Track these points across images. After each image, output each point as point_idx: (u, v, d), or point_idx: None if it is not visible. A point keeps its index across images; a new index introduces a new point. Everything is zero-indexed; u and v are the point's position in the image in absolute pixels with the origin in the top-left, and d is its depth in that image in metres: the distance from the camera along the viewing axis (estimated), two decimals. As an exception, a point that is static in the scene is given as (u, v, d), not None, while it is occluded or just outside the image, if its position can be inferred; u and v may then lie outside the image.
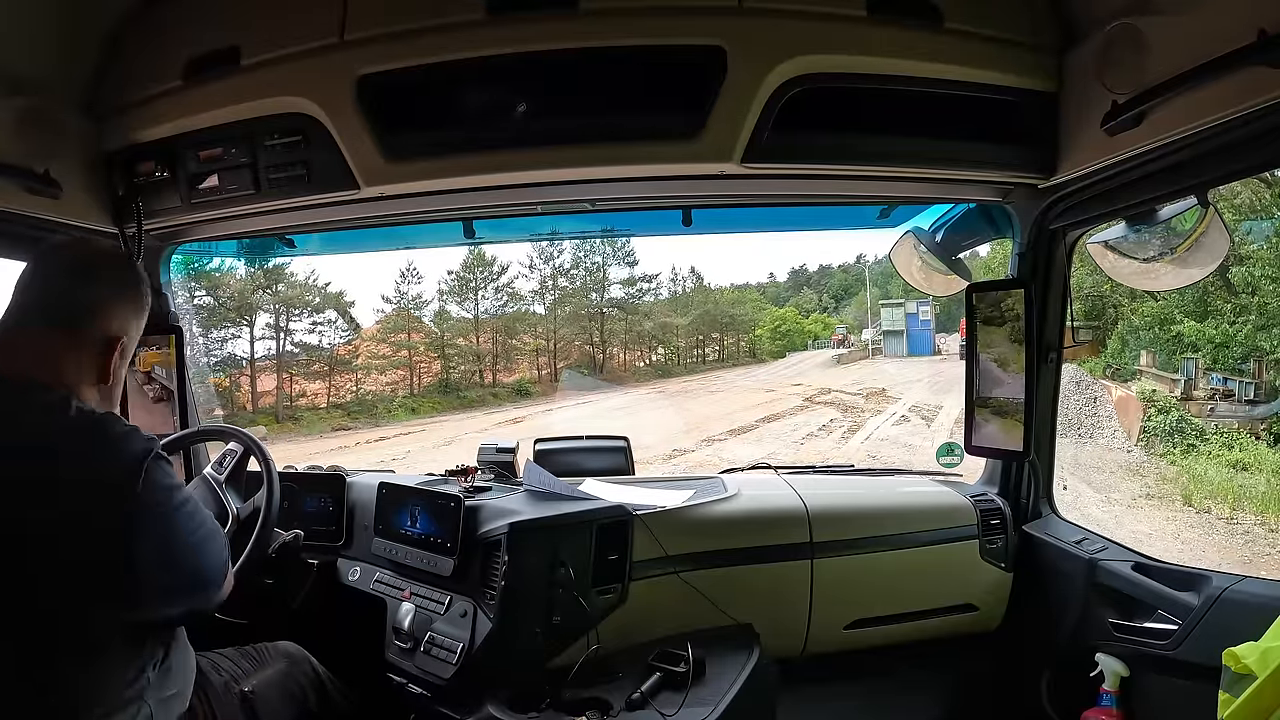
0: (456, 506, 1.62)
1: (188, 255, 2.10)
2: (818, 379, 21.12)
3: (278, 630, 1.58)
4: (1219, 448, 9.32)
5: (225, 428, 1.82)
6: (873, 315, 29.08)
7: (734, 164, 1.41)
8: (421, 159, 1.45)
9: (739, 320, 30.67)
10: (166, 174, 1.57)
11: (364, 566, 1.80)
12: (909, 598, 1.84)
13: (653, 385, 23.55)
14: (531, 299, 25.34)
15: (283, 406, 19.19)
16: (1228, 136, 1.18)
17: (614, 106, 1.40)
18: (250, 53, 1.44)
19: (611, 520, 1.64)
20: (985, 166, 1.54)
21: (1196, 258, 1.46)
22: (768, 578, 1.75)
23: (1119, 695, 1.59)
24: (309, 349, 20.49)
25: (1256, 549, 6.97)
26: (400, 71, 1.39)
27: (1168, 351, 11.79)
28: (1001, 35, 1.41)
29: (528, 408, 20.02)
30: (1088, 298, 12.84)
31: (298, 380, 20.30)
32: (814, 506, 1.82)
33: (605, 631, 1.58)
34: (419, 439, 15.15)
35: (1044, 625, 1.81)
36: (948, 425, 12.41)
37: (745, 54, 1.34)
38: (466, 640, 1.51)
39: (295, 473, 1.97)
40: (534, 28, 1.36)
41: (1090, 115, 1.34)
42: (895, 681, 1.94)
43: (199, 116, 1.51)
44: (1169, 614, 1.50)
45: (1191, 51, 1.12)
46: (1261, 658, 1.04)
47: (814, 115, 1.41)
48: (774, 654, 1.68)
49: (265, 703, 1.34)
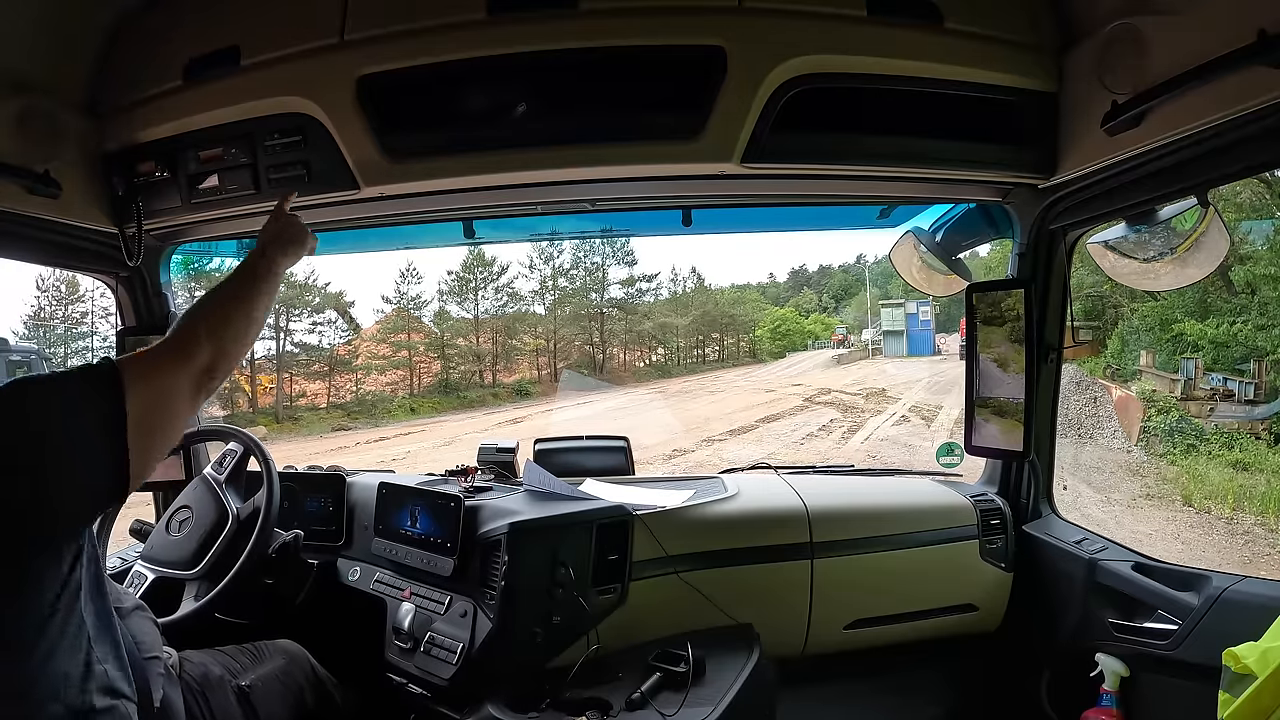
0: (456, 506, 1.63)
1: (188, 255, 2.10)
2: (818, 379, 21.11)
3: (277, 630, 1.58)
4: (1219, 448, 9.33)
5: (225, 428, 1.83)
6: (873, 315, 29.08)
7: (734, 164, 1.41)
8: (421, 159, 1.45)
9: (739, 320, 30.71)
10: (166, 174, 1.57)
11: (364, 566, 1.80)
12: (909, 598, 1.84)
13: (652, 385, 23.55)
14: (531, 299, 25.43)
15: (282, 407, 19.20)
16: (1228, 136, 1.18)
17: (614, 106, 1.40)
18: (250, 53, 1.44)
19: (611, 520, 1.64)
20: (985, 166, 1.54)
21: (1196, 258, 1.46)
22: (768, 578, 1.76)
23: (1119, 695, 1.59)
24: (309, 349, 20.51)
25: (1256, 549, 6.97)
26: (400, 71, 1.38)
27: (1168, 351, 11.80)
28: (1001, 35, 1.41)
29: (528, 408, 20.02)
30: (1088, 298, 12.85)
31: (298, 380, 20.31)
32: (814, 506, 1.82)
33: (605, 631, 1.58)
34: (419, 439, 15.14)
35: (1044, 625, 1.81)
36: (948, 425, 12.40)
37: (745, 54, 1.34)
38: (466, 640, 1.51)
39: (295, 473, 1.97)
40: (534, 28, 1.36)
41: (1090, 115, 1.34)
42: (895, 681, 1.94)
43: (199, 116, 1.51)
44: (1169, 614, 1.50)
45: (1191, 51, 1.12)
46: (1261, 658, 1.04)
47: (814, 115, 1.41)
48: (774, 654, 1.67)
49: (262, 699, 1.34)
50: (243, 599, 1.61)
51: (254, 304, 1.11)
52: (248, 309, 1.09)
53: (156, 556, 1.63)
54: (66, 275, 17.59)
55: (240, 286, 1.12)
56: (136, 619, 1.15)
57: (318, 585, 1.76)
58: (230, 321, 1.05)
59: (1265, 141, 1.15)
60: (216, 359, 1.00)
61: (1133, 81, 1.24)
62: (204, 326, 1.02)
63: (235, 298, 1.10)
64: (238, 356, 1.06)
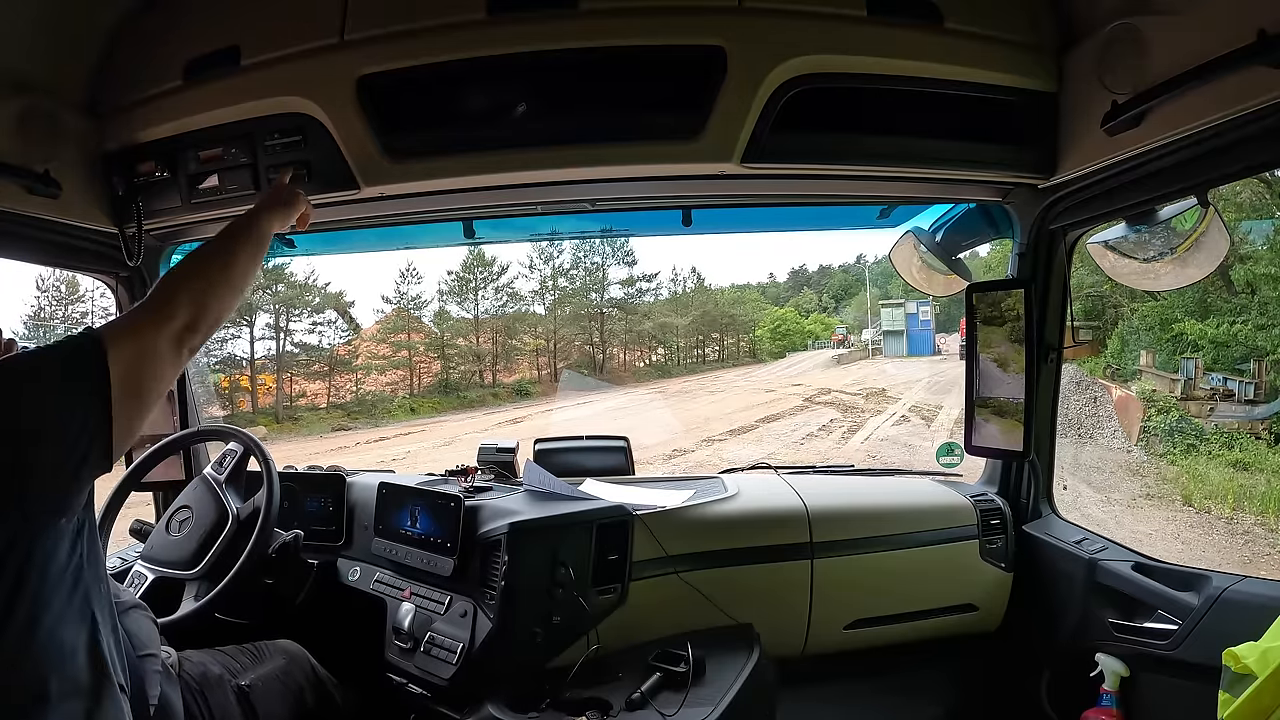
0: (456, 506, 1.63)
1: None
2: (817, 379, 21.11)
3: (277, 630, 1.58)
4: (1219, 448, 9.33)
5: (225, 428, 1.83)
6: (873, 315, 29.07)
7: (734, 164, 1.40)
8: (421, 159, 1.45)
9: (739, 320, 30.69)
10: (166, 174, 1.57)
11: (364, 566, 1.80)
12: (909, 598, 1.85)
13: (652, 385, 23.54)
14: (531, 299, 25.41)
15: (282, 406, 19.20)
16: (1228, 136, 1.18)
17: (614, 106, 1.40)
18: (250, 53, 1.44)
19: (611, 520, 1.64)
20: (985, 166, 1.54)
21: (1197, 258, 1.46)
22: (768, 578, 1.76)
23: (1119, 695, 1.59)
24: (309, 349, 20.51)
25: (1256, 549, 6.97)
26: (400, 71, 1.38)
27: (1168, 351, 11.80)
28: (1001, 35, 1.41)
29: (528, 408, 20.01)
30: (1088, 298, 12.85)
31: (297, 380, 20.31)
32: (814, 506, 1.82)
33: (605, 631, 1.58)
34: (419, 439, 15.14)
35: (1044, 625, 1.81)
36: (948, 425, 12.40)
37: (745, 54, 1.34)
38: (466, 640, 1.51)
39: (295, 473, 1.97)
40: (534, 28, 1.35)
41: (1090, 115, 1.34)
42: (895, 681, 1.94)
43: (199, 116, 1.51)
44: (1169, 614, 1.50)
45: (1191, 51, 1.12)
46: (1261, 658, 1.04)
47: (814, 115, 1.41)
48: (774, 654, 1.67)
49: (262, 698, 1.34)
50: (243, 599, 1.61)
51: (234, 261, 1.09)
52: (228, 267, 1.08)
53: (156, 556, 1.63)
54: (66, 275, 17.59)
55: (222, 244, 1.11)
56: (134, 617, 1.15)
57: (318, 585, 1.76)
58: (209, 279, 1.04)
59: (1265, 141, 1.15)
60: (197, 316, 0.99)
61: (1133, 81, 1.23)
62: (183, 284, 1.01)
63: (216, 254, 1.09)
64: (219, 314, 1.04)
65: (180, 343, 0.97)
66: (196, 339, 1.00)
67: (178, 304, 0.98)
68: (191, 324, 0.98)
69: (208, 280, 1.04)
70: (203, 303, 1.01)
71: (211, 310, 1.02)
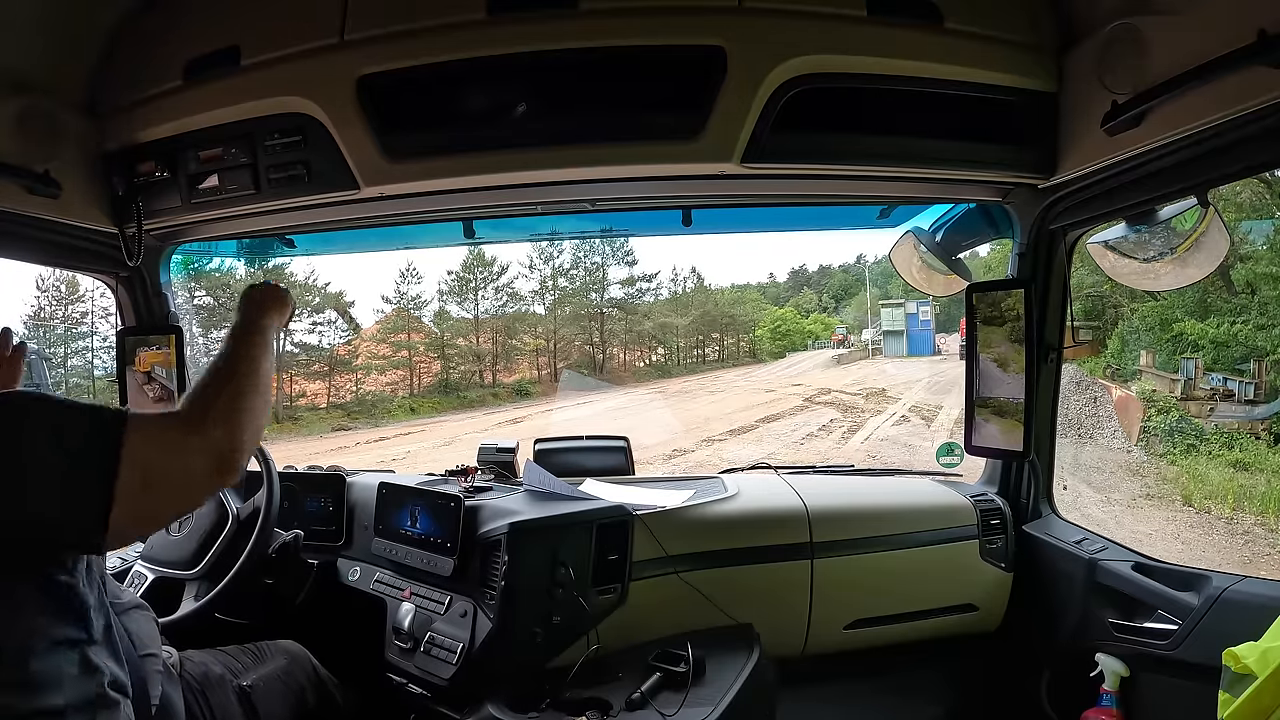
0: (456, 506, 1.63)
1: (188, 255, 2.10)
2: (817, 379, 21.11)
3: (278, 630, 1.58)
4: (1219, 448, 9.33)
5: (225, 428, 1.82)
6: (873, 315, 29.08)
7: (734, 164, 1.40)
8: (421, 159, 1.45)
9: (739, 320, 30.70)
10: (166, 174, 1.57)
11: (364, 566, 1.80)
12: (909, 598, 1.84)
13: (652, 385, 23.55)
14: (531, 299, 25.42)
15: (282, 406, 19.19)
16: (1228, 136, 1.18)
17: (614, 106, 1.40)
18: (250, 53, 1.44)
19: (611, 520, 1.64)
20: (985, 166, 1.54)
21: (1197, 258, 1.46)
22: (768, 578, 1.76)
23: (1119, 695, 1.59)
24: (309, 349, 20.51)
25: (1256, 549, 6.97)
26: (400, 71, 1.38)
27: (1168, 351, 11.81)
28: (1001, 35, 1.41)
29: (528, 408, 20.01)
30: (1088, 298, 12.86)
31: (297, 380, 20.31)
32: (814, 506, 1.82)
33: (605, 631, 1.58)
34: (419, 439, 15.14)
35: (1044, 625, 1.81)
36: (948, 425, 12.40)
37: (745, 54, 1.34)
38: (466, 640, 1.51)
39: (295, 473, 1.97)
40: (534, 28, 1.36)
41: (1090, 115, 1.34)
42: (895, 681, 1.94)
43: (199, 116, 1.51)
44: (1169, 614, 1.50)
45: (1191, 51, 1.12)
46: (1261, 658, 1.04)
47: (814, 115, 1.41)
48: (774, 654, 1.67)
49: (263, 698, 1.34)
50: (243, 599, 1.62)
51: (259, 377, 1.02)
52: (255, 384, 1.01)
53: (156, 556, 1.64)
54: (66, 275, 17.58)
55: (239, 363, 1.03)
56: (134, 616, 1.14)
57: (318, 585, 1.76)
58: (241, 400, 0.96)
59: (1265, 141, 1.15)
60: (234, 439, 0.92)
61: (1133, 81, 1.23)
62: (215, 406, 0.93)
63: (239, 375, 1.01)
64: (254, 432, 0.96)
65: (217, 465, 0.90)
66: (238, 458, 0.93)
67: (212, 425, 0.91)
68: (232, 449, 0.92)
69: (240, 402, 0.96)
70: (238, 422, 0.93)
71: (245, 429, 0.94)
